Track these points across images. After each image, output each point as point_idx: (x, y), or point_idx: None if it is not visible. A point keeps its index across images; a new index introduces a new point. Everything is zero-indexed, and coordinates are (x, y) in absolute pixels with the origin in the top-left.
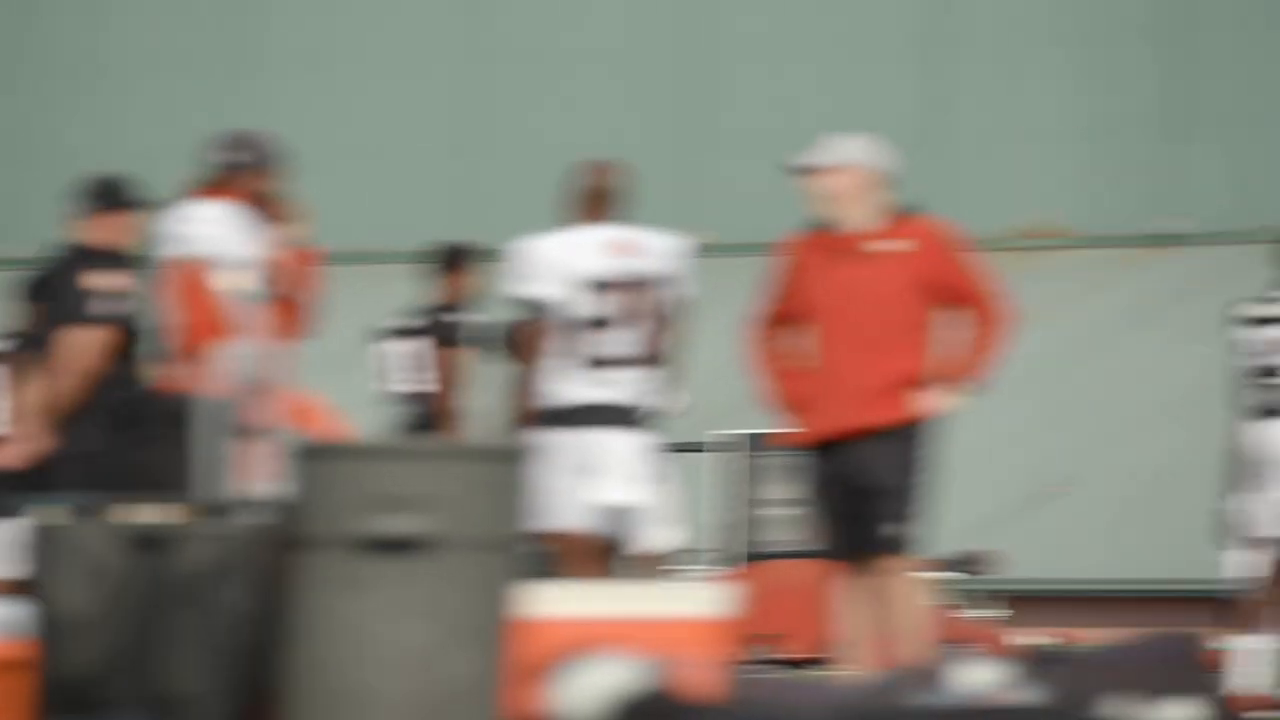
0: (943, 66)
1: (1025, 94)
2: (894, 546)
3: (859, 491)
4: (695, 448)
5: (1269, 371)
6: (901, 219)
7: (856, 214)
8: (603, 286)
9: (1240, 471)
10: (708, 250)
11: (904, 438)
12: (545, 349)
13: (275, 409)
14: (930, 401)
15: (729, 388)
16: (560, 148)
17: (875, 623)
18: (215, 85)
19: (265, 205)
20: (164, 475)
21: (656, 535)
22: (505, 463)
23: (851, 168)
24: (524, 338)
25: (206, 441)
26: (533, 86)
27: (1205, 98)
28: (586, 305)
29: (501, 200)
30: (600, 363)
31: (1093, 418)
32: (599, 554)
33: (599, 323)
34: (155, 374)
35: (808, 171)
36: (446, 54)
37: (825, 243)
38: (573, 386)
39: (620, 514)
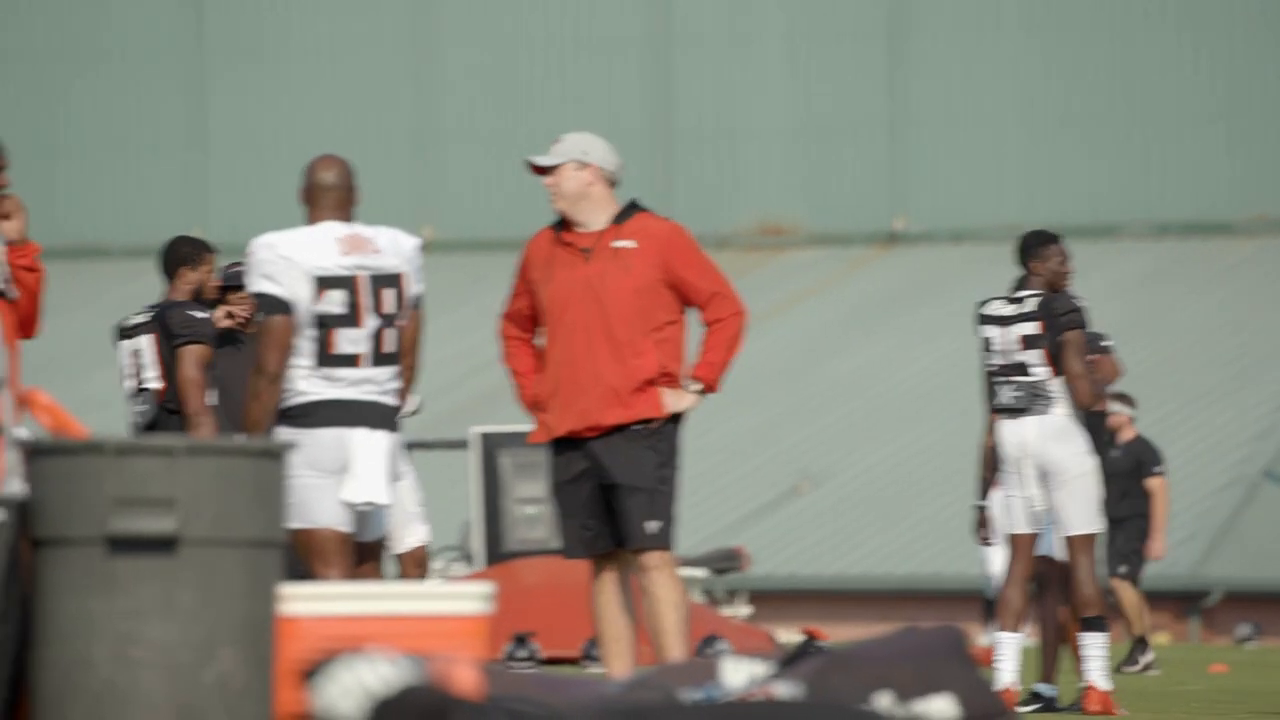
0: (670, 64)
1: (753, 93)
2: (655, 542)
3: (611, 489)
4: (454, 444)
5: (1018, 370)
6: (630, 217)
7: (590, 212)
8: (336, 283)
9: (993, 469)
10: (458, 246)
11: (647, 435)
12: (286, 346)
13: (14, 407)
14: (668, 399)
15: (482, 385)
16: (296, 143)
17: (634, 619)
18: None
19: None
20: None
21: (409, 533)
22: (262, 460)
23: (585, 165)
24: (264, 335)
25: None
26: (256, 81)
27: (929, 99)
28: (321, 302)
29: (242, 195)
30: (337, 361)
31: (833, 416)
32: (348, 552)
33: (334, 320)
34: None
35: (545, 169)
36: (180, 64)
37: (560, 240)
38: (313, 384)
39: (368, 513)
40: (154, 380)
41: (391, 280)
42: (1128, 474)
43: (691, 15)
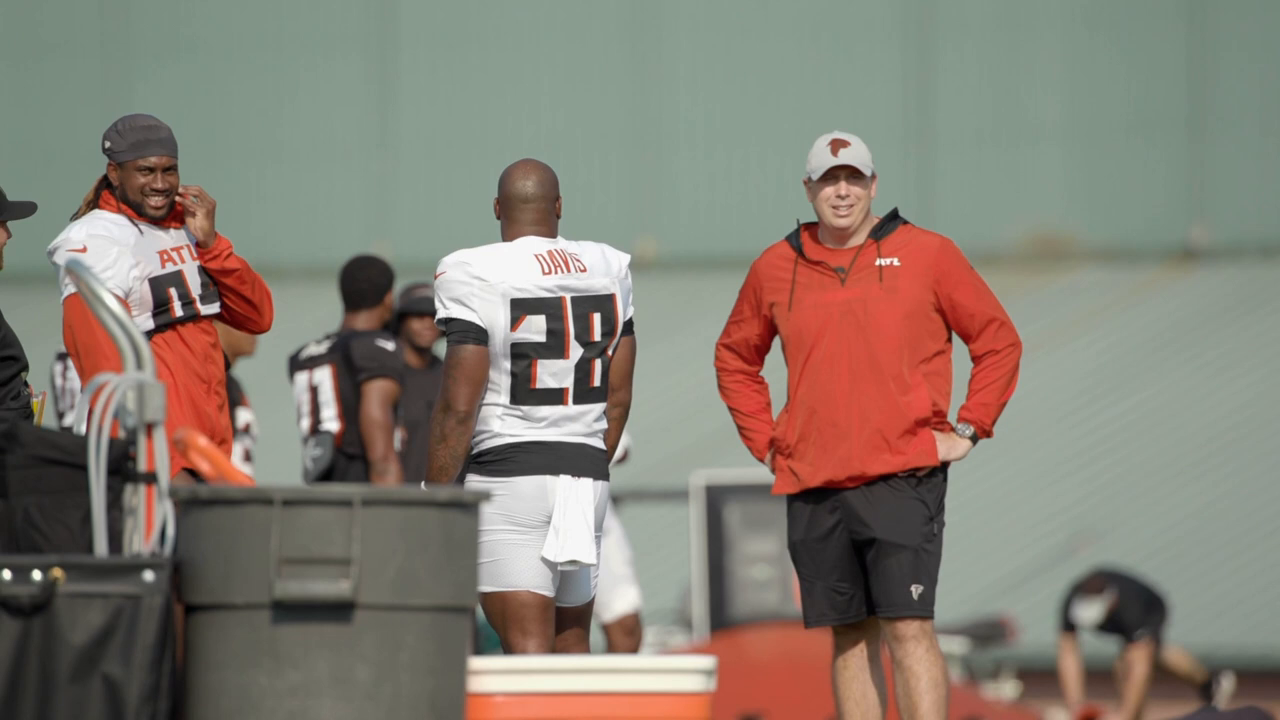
0: (933, 54)
1: (1027, 87)
2: (918, 609)
3: (866, 546)
4: (673, 495)
5: None
6: (891, 230)
7: (859, 226)
8: (536, 307)
9: None
10: (682, 263)
11: (913, 486)
12: (478, 381)
13: (167, 450)
14: (942, 447)
15: (707, 425)
16: (493, 146)
17: (883, 698)
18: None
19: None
20: (34, 528)
21: (617, 598)
22: (452, 513)
23: (874, 175)
24: (453, 368)
25: (90, 488)
26: (471, 86)
27: (1233, 92)
28: (520, 329)
29: (428, 207)
30: (539, 397)
31: (1117, 463)
32: (549, 620)
33: (535, 349)
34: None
35: (837, 175)
36: (363, 53)
37: (805, 259)
38: (510, 425)
39: (572, 574)
40: (332, 420)
41: (600, 303)
42: None
43: (952, 2)
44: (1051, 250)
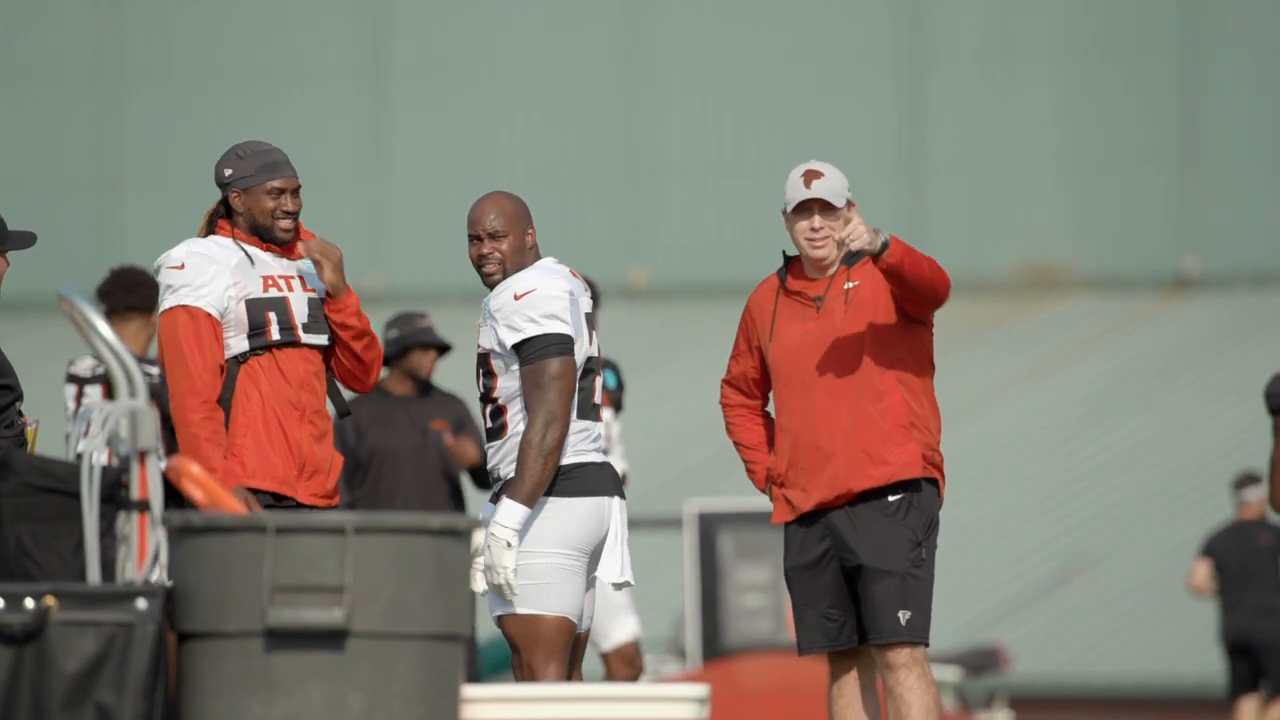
0: (924, 82)
1: (1018, 117)
2: (907, 636)
3: (855, 572)
4: (666, 523)
5: None
6: (862, 256)
7: (836, 254)
8: (590, 323)
9: None
10: (672, 292)
11: (902, 513)
12: (574, 391)
13: (159, 477)
14: (852, 225)
15: (699, 453)
16: (482, 173)
17: None
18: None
19: None
20: (27, 556)
21: (616, 627)
22: (445, 540)
23: (850, 204)
24: (557, 379)
25: (83, 516)
26: (464, 116)
27: (1226, 120)
28: (593, 343)
29: (421, 236)
30: (596, 412)
31: (1110, 491)
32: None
33: (597, 364)
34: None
35: (810, 208)
36: (356, 83)
37: (787, 290)
38: (573, 441)
39: (586, 601)
40: None
41: (592, 324)
42: None
43: (947, 27)
44: (1044, 279)
